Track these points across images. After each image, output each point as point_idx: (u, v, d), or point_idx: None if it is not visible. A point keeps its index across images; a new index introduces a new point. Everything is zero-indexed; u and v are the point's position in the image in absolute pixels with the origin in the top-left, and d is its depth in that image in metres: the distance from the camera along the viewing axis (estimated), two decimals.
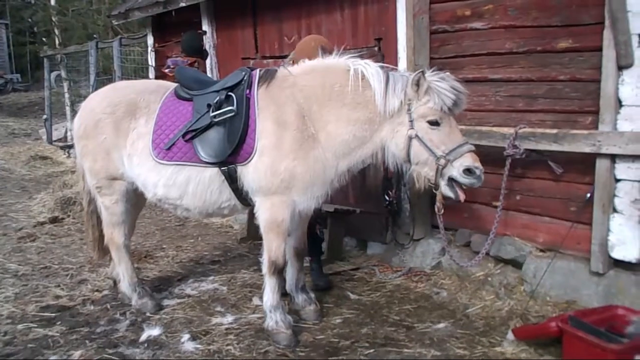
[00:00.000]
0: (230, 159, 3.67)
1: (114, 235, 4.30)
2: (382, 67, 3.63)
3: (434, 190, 3.62)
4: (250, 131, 3.66)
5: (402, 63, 4.95)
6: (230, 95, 3.76)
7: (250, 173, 3.68)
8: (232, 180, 3.73)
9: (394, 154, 3.61)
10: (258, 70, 3.94)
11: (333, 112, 3.62)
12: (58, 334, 4.08)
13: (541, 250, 4.43)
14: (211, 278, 5.21)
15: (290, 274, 4.31)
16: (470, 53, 4.69)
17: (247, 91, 3.75)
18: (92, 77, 10.68)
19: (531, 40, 4.29)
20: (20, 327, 4.21)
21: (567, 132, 3.90)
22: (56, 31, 13.63)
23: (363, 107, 3.56)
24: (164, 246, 6.41)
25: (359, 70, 3.60)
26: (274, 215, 3.73)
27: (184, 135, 3.74)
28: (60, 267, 5.60)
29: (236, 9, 7.08)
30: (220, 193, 3.82)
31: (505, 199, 4.52)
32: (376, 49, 5.43)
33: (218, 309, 4.47)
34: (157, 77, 8.64)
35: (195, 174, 3.78)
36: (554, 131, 3.97)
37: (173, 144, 3.76)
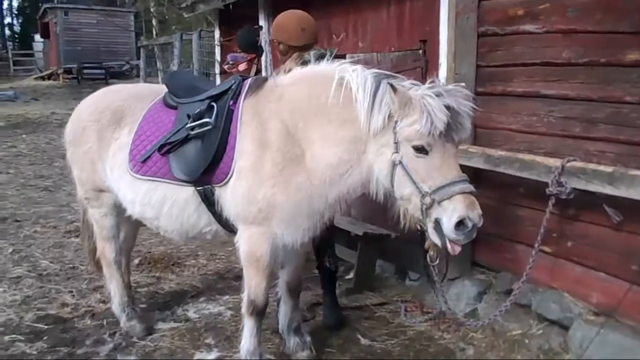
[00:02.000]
0: (206, 178, 3.20)
1: (105, 250, 4.01)
2: (376, 75, 2.95)
3: (425, 234, 2.89)
4: (228, 149, 3.17)
5: (443, 71, 4.19)
6: (213, 106, 3.27)
7: (227, 197, 3.21)
8: (210, 203, 3.25)
9: (379, 180, 2.97)
10: (251, 79, 3.42)
11: (318, 130, 3.05)
12: (36, 352, 3.87)
13: (594, 314, 3.52)
14: (224, 298, 4.81)
15: (282, 312, 3.78)
16: (521, 62, 3.85)
17: (232, 102, 3.25)
18: (174, 69, 10.72)
19: (593, 50, 3.39)
20: (7, 338, 4.06)
21: (626, 173, 2.99)
22: (153, 22, 13.94)
23: (350, 125, 2.96)
24: (199, 253, 6.11)
25: (345, 79, 2.97)
26: (252, 248, 3.24)
27: (160, 148, 3.31)
28: (85, 270, 5.47)
29: (292, 3, 6.55)
30: (199, 217, 3.37)
31: (554, 244, 3.69)
32: (420, 52, 4.69)
33: (208, 340, 4.06)
34: (221, 73, 8.41)
35: (171, 193, 3.35)
36: (609, 169, 3.07)
37: (149, 157, 3.35)
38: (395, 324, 4.35)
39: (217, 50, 8.17)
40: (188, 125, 3.27)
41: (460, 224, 2.60)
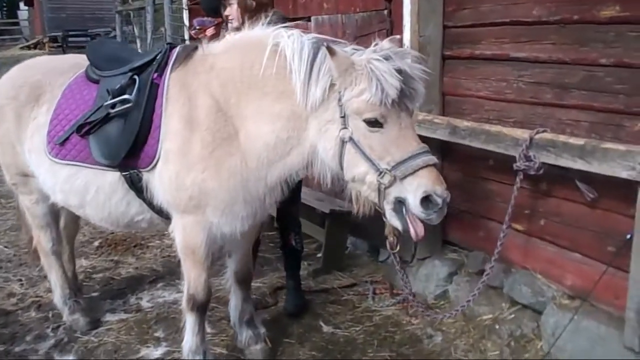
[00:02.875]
0: (131, 162, 2.87)
1: (41, 239, 3.70)
2: (315, 41, 2.59)
3: (383, 218, 2.54)
4: (153, 128, 2.83)
5: (407, 33, 3.80)
6: (135, 80, 2.91)
7: (156, 183, 2.88)
8: (138, 189, 2.92)
9: (324, 162, 2.63)
10: (179, 47, 3.04)
11: (253, 105, 2.71)
12: None
13: (568, 297, 3.23)
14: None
15: (233, 304, 3.50)
16: (490, 21, 3.46)
17: (156, 75, 2.88)
18: (149, 36, 10.22)
19: (565, 6, 3.01)
20: None
21: (598, 146, 2.65)
22: None
23: (287, 98, 2.61)
24: (166, 232, 5.78)
25: (280, 46, 2.62)
26: (187, 239, 2.94)
27: (78, 129, 2.95)
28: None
29: None
30: (128, 204, 3.04)
31: (526, 222, 3.38)
32: (385, 12, 4.29)
33: (157, 334, 3.79)
34: (190, 39, 7.95)
35: (94, 179, 3.02)
36: (580, 142, 2.73)
37: (67, 139, 3.00)
38: (362, 308, 4.08)
39: (185, 15, 7.69)
40: (107, 103, 2.91)
41: (427, 201, 2.30)
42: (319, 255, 4.87)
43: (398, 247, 2.74)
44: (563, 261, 3.26)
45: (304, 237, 4.03)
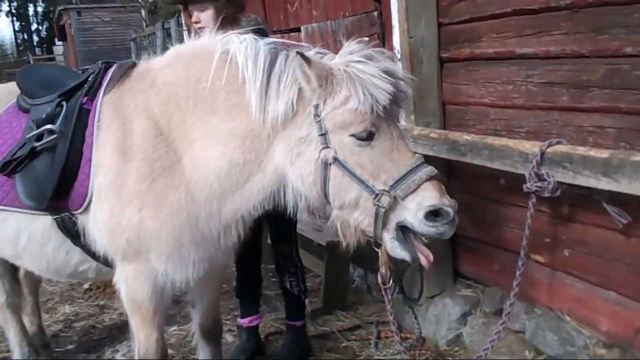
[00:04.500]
0: (61, 203, 2.42)
1: None
2: (272, 46, 2.20)
3: (374, 247, 2.17)
4: (84, 162, 2.39)
5: (396, 35, 3.25)
6: (63, 106, 2.49)
7: (91, 226, 2.42)
8: (74, 235, 2.47)
9: (299, 192, 2.19)
10: (116, 65, 2.59)
11: (200, 125, 2.27)
12: None
13: (605, 346, 2.59)
14: (169, 330, 4.03)
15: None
16: (490, 13, 2.90)
17: (85, 99, 2.44)
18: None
19: None
20: None
21: (625, 159, 2.05)
22: (142, 12, 13.16)
23: (240, 113, 2.19)
24: None
25: (230, 53, 2.21)
26: (131, 292, 2.48)
27: (3, 167, 2.52)
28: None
29: None
30: (68, 253, 2.60)
31: (548, 253, 2.78)
32: (375, 13, 3.76)
33: None
34: None
35: (25, 225, 2.58)
36: (604, 154, 2.13)
37: None
38: (363, 356, 3.51)
39: (185, 35, 7.33)
40: (30, 135, 2.48)
41: (434, 215, 1.98)
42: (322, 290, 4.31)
43: (391, 282, 2.32)
44: (595, 301, 2.64)
45: (305, 276, 3.48)
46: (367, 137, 2.01)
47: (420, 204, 1.96)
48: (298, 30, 4.73)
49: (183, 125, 2.28)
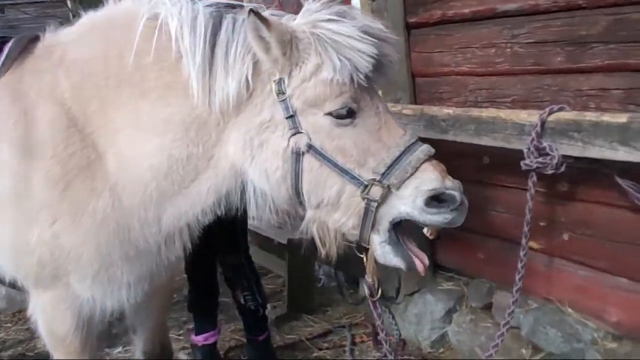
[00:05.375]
0: None
1: None
2: (215, 7, 1.74)
3: (357, 253, 1.78)
4: None
5: None
6: None
7: None
8: None
9: (264, 192, 1.76)
10: (14, 39, 2.06)
11: (126, 111, 1.80)
12: None
13: (616, 338, 2.28)
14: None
15: None
16: None
17: None
18: None
19: None
20: None
21: None
22: (68, 3, 12.24)
23: (178, 95, 1.74)
24: None
25: (160, 19, 1.73)
26: (50, 324, 2.02)
27: None
28: None
29: None
30: None
31: (543, 237, 2.43)
32: None
33: None
34: None
35: None
36: (622, 119, 1.79)
37: None
38: None
39: None
40: None
41: (438, 200, 1.60)
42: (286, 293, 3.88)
43: (379, 295, 1.92)
44: (602, 289, 2.33)
45: (261, 288, 3.02)
46: (348, 115, 1.62)
47: (418, 189, 1.58)
48: None
49: (103, 114, 1.79)
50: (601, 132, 1.84)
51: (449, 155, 2.66)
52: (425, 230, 1.73)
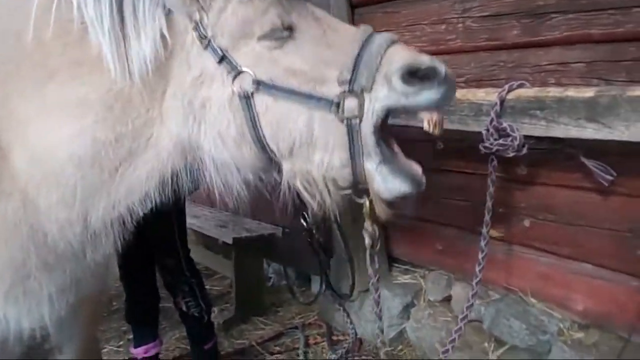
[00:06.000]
0: None
1: None
2: None
3: (356, 199, 1.44)
4: None
5: None
6: None
7: None
8: None
9: (224, 162, 1.48)
10: None
11: (32, 97, 1.52)
12: None
13: (581, 327, 2.15)
14: None
15: None
16: None
17: None
18: None
19: None
20: None
21: (622, 95, 1.55)
22: None
23: (92, 72, 1.46)
24: None
25: None
26: None
27: None
28: None
29: None
30: None
31: (503, 224, 2.28)
32: None
33: None
34: None
35: None
36: (589, 93, 1.63)
37: None
38: None
39: None
40: None
41: (411, 75, 1.28)
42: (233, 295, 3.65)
43: (378, 246, 1.55)
44: (566, 276, 2.21)
45: (205, 292, 2.76)
46: (286, 29, 1.37)
47: (389, 71, 1.31)
48: None
49: (5, 103, 1.51)
50: (566, 109, 1.69)
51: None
52: (425, 125, 1.41)
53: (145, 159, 1.48)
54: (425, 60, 1.30)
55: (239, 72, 1.37)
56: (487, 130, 1.88)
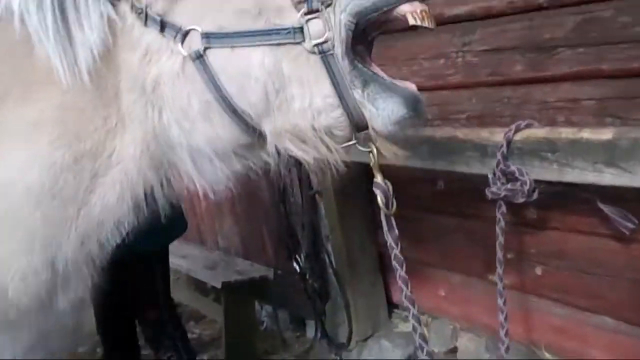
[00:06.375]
0: None
1: None
2: None
3: (360, 148, 1.21)
4: None
5: None
6: None
7: None
8: None
9: (199, 149, 1.30)
10: None
11: None
12: None
13: None
14: None
15: None
16: None
17: None
18: None
19: None
20: None
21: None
22: None
23: (42, 84, 1.30)
24: None
25: None
26: None
27: None
28: None
29: None
30: None
31: (513, 271, 2.12)
32: None
33: None
34: None
35: None
36: (607, 135, 1.49)
37: None
38: None
39: None
40: None
41: None
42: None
43: (394, 206, 1.26)
44: (583, 329, 2.03)
45: (189, 346, 2.56)
46: None
47: None
48: None
49: None
50: (580, 152, 1.53)
51: (399, 182, 2.33)
52: (410, 19, 1.11)
53: (112, 179, 1.31)
54: None
55: (185, 33, 1.21)
56: (494, 174, 1.72)
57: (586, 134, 1.53)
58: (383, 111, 1.15)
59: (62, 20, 1.25)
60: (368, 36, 1.23)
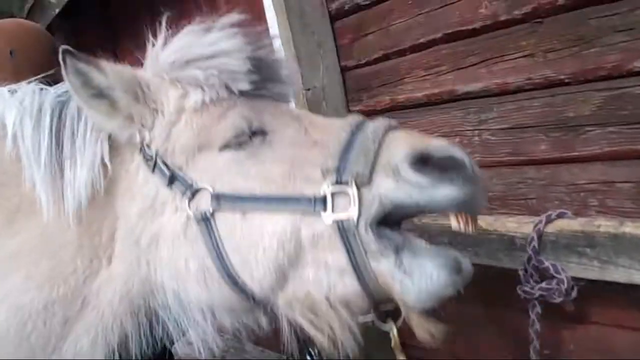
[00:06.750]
0: None
1: None
2: (56, 97, 1.27)
3: (380, 326, 1.17)
4: None
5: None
6: None
7: None
8: None
9: (188, 308, 1.22)
10: None
11: None
12: None
13: None
14: None
15: None
16: (409, 45, 2.10)
17: None
18: None
19: None
20: None
21: None
22: None
23: (28, 216, 1.21)
24: None
25: None
26: None
27: None
28: None
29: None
30: None
31: None
32: None
33: None
34: None
35: None
36: None
37: None
38: None
39: None
40: None
41: (422, 162, 1.04)
42: None
43: None
44: None
45: None
46: (253, 136, 1.15)
47: (394, 158, 1.06)
48: None
49: None
50: (624, 249, 1.35)
51: None
52: (453, 223, 1.06)
53: (87, 324, 1.18)
54: (439, 145, 1.03)
55: (196, 191, 1.08)
56: (525, 270, 1.53)
57: (628, 228, 1.35)
58: (419, 280, 1.04)
59: (57, 148, 1.17)
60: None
